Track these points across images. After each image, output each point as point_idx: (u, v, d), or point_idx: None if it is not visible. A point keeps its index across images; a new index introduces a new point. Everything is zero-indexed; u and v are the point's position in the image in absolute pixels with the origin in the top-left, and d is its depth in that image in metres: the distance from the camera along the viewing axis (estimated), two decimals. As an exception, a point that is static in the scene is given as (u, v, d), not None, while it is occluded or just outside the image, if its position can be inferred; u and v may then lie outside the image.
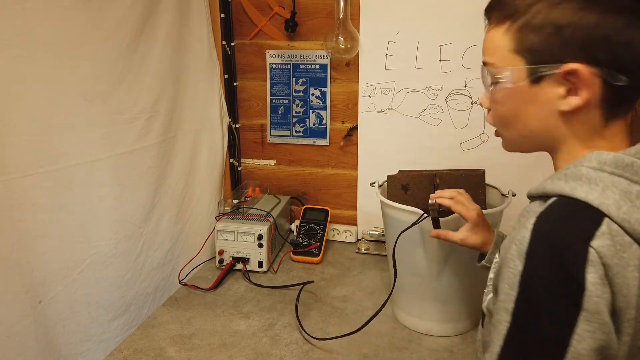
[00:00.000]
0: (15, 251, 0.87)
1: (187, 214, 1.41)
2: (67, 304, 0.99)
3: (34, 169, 0.90)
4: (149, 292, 1.24)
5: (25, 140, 0.88)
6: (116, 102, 1.09)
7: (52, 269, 0.95)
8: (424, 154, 1.48)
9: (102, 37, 1.03)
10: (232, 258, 1.39)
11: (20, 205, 0.88)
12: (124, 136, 1.13)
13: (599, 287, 0.46)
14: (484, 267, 0.90)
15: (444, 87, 1.43)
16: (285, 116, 1.60)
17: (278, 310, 1.21)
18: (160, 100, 1.24)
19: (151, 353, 1.04)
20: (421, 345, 1.08)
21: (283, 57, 1.55)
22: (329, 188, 1.63)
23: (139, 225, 1.19)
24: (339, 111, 1.56)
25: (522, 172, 1.35)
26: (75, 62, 0.97)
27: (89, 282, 1.04)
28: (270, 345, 1.07)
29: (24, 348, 0.89)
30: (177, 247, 1.37)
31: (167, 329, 1.13)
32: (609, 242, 0.47)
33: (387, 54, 1.45)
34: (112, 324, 1.11)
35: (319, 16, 1.49)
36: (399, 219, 1.04)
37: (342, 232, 1.61)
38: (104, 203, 1.08)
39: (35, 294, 0.92)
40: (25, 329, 0.89)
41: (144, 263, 1.22)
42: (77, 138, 0.99)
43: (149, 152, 1.21)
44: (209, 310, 1.21)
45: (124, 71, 1.11)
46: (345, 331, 1.06)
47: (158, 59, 1.23)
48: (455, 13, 1.36)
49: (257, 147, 1.66)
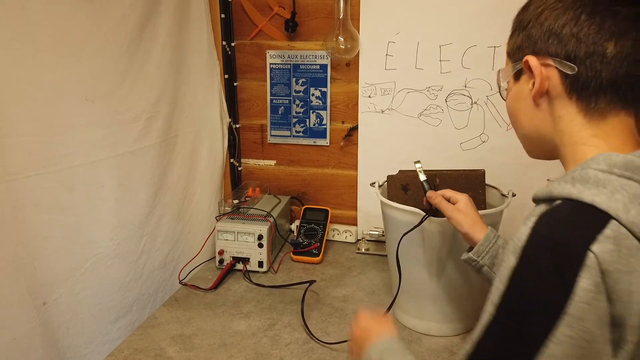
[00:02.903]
0: (18, 252, 0.87)
1: (187, 214, 1.41)
2: (70, 305, 0.99)
3: (36, 169, 0.90)
4: (150, 293, 1.24)
5: (27, 141, 0.88)
6: (117, 102, 1.09)
7: (55, 270, 0.95)
8: (424, 154, 1.48)
9: (103, 38, 1.04)
10: (232, 258, 1.39)
11: (23, 206, 0.88)
12: (125, 136, 1.13)
13: (591, 294, 0.45)
14: (466, 261, 0.88)
15: (444, 87, 1.43)
16: (285, 116, 1.60)
17: (278, 310, 1.21)
18: (160, 101, 1.24)
19: (151, 353, 1.04)
20: (421, 345, 1.08)
21: (283, 57, 1.55)
22: (329, 188, 1.63)
23: (140, 226, 1.20)
24: (339, 111, 1.56)
25: (522, 172, 1.35)
26: (76, 62, 0.97)
27: (91, 283, 1.04)
28: (270, 345, 1.07)
29: (30, 350, 0.89)
30: (178, 247, 1.37)
31: (167, 329, 1.13)
32: (612, 247, 0.46)
33: (387, 54, 1.45)
34: (115, 325, 1.11)
35: (319, 16, 1.49)
36: (399, 219, 1.04)
37: (342, 232, 1.61)
38: (106, 204, 1.08)
39: (39, 296, 0.91)
40: (31, 331, 0.89)
41: (145, 264, 1.22)
42: (78, 138, 0.99)
43: (150, 152, 1.22)
44: (209, 310, 1.21)
45: (125, 71, 1.11)
46: (345, 331, 1.06)
47: (159, 59, 1.23)
48: (455, 13, 1.36)
49: (257, 147, 1.66)
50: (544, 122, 0.61)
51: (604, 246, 0.46)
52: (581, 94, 0.57)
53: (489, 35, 1.36)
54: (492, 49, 1.37)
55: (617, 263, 0.46)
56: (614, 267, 0.46)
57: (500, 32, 1.42)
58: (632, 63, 0.54)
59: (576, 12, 0.56)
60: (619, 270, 0.46)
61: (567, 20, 0.56)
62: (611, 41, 0.54)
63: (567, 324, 0.46)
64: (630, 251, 0.46)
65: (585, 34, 0.55)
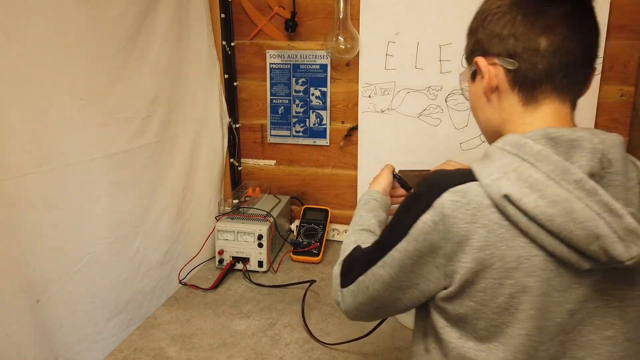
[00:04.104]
0: (12, 251, 0.87)
1: (186, 214, 1.41)
2: (64, 303, 0.99)
3: (30, 168, 0.90)
4: (147, 292, 1.24)
5: (21, 140, 0.88)
6: (112, 102, 1.09)
7: (49, 268, 0.95)
8: (424, 154, 1.48)
9: (98, 37, 1.03)
10: (232, 258, 1.39)
11: (17, 205, 0.88)
12: (119, 135, 1.13)
13: (427, 227, 0.60)
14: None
15: (444, 87, 1.43)
16: (285, 116, 1.60)
17: (278, 310, 1.21)
18: (157, 100, 1.24)
19: (151, 353, 1.04)
20: (421, 345, 1.08)
21: (283, 57, 1.55)
22: (329, 188, 1.63)
23: (135, 224, 1.19)
24: (339, 111, 1.56)
25: (522, 172, 1.35)
26: (71, 61, 0.97)
27: (85, 281, 1.04)
28: (270, 345, 1.07)
29: (22, 347, 0.89)
30: (177, 247, 1.37)
31: (167, 328, 1.13)
32: (458, 199, 0.58)
33: (387, 54, 1.45)
34: (109, 323, 1.11)
35: (319, 16, 1.49)
36: (399, 219, 1.04)
37: (342, 232, 1.61)
38: (99, 203, 1.08)
39: (32, 293, 0.92)
40: (23, 328, 0.89)
41: (141, 262, 1.21)
42: (72, 137, 0.99)
43: (145, 151, 1.21)
44: (209, 310, 1.21)
45: (121, 71, 1.11)
46: (345, 331, 1.06)
47: (156, 59, 1.23)
48: (455, 13, 1.36)
49: (257, 147, 1.66)
50: (494, 115, 0.68)
51: (451, 196, 0.58)
52: (522, 86, 0.64)
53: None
54: (492, 49, 1.37)
55: (457, 212, 0.58)
56: (454, 214, 0.58)
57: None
58: (564, 54, 0.61)
59: (512, 15, 0.63)
60: (458, 217, 0.58)
61: (506, 23, 0.63)
62: (543, 36, 0.61)
63: (406, 241, 0.62)
64: (479, 206, 0.57)
65: (521, 32, 0.62)
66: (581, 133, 0.57)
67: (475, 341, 0.61)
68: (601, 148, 0.56)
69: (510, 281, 0.57)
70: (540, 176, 0.55)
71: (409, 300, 0.67)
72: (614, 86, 1.36)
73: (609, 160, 0.56)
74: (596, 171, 0.56)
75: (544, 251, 0.56)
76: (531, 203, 0.54)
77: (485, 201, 0.57)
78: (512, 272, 0.57)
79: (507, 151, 0.59)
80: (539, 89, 0.63)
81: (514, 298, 0.57)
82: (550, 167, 0.56)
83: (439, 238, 0.59)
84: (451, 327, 0.63)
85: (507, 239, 0.56)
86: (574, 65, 0.62)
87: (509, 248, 0.56)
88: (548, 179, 0.55)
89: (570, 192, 0.54)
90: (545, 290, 0.57)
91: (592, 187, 0.54)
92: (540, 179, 0.55)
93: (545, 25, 0.61)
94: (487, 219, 0.57)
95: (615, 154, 0.57)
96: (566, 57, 0.62)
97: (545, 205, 0.54)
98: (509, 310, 0.58)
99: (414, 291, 0.65)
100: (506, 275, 0.57)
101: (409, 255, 0.62)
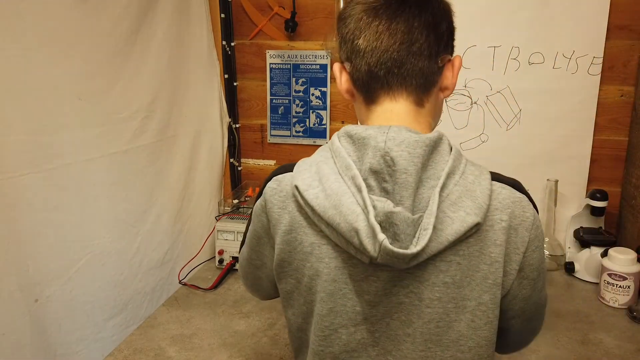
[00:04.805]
0: (11, 250, 0.87)
1: (186, 214, 1.41)
2: (63, 303, 0.99)
3: (29, 168, 0.90)
4: (146, 292, 1.24)
5: (19, 140, 0.88)
6: (111, 102, 1.09)
7: (48, 268, 0.95)
8: (423, 154, 1.48)
9: (97, 37, 1.04)
10: (232, 258, 1.39)
11: (16, 205, 0.88)
12: (118, 135, 1.13)
13: (258, 211, 0.68)
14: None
15: (443, 87, 1.43)
16: (285, 116, 1.60)
17: (278, 310, 1.21)
18: (157, 100, 1.24)
19: (151, 353, 1.04)
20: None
21: (283, 57, 1.55)
22: (329, 188, 1.63)
23: (134, 224, 1.19)
24: (339, 111, 1.56)
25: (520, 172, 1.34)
26: (70, 61, 0.97)
27: (84, 281, 1.04)
28: (270, 345, 1.07)
29: (20, 346, 0.89)
30: (177, 247, 1.37)
31: (167, 328, 1.13)
32: (275, 187, 0.65)
33: (387, 54, 1.45)
34: (108, 323, 1.11)
35: (319, 16, 1.49)
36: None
37: (341, 232, 1.61)
38: (98, 202, 1.08)
39: (31, 293, 0.92)
40: (21, 327, 0.89)
41: (140, 262, 1.22)
42: (71, 137, 0.99)
43: (145, 151, 1.21)
44: (209, 310, 1.21)
45: (120, 71, 1.11)
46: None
47: (155, 59, 1.23)
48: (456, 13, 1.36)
49: (257, 147, 1.66)
50: (357, 112, 0.71)
51: (271, 184, 0.66)
52: (359, 87, 0.66)
53: (489, 35, 1.36)
54: (492, 48, 1.37)
55: (273, 198, 0.65)
56: (271, 200, 0.65)
57: (500, 32, 1.43)
58: (383, 52, 0.61)
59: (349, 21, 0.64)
60: (273, 203, 0.65)
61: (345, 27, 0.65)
62: (361, 37, 0.62)
63: (251, 224, 0.72)
64: (287, 195, 0.64)
65: (349, 37, 0.64)
66: (371, 131, 0.58)
67: (302, 317, 0.67)
68: (383, 147, 0.56)
69: (308, 264, 0.63)
70: (329, 170, 0.60)
71: (267, 278, 0.73)
72: (614, 86, 1.36)
73: (392, 159, 0.56)
74: (379, 168, 0.56)
75: (330, 240, 0.60)
76: (312, 195, 0.59)
77: (292, 190, 0.63)
78: (308, 256, 0.62)
79: (328, 145, 0.64)
80: (372, 88, 0.64)
81: (312, 280, 0.63)
82: (339, 163, 0.60)
83: (265, 220, 0.67)
84: (286, 304, 0.69)
85: (304, 226, 0.62)
86: (395, 61, 0.61)
87: (305, 234, 0.62)
88: (333, 173, 0.59)
89: (349, 187, 0.57)
90: (336, 277, 0.61)
91: (359, 184, 0.56)
92: (327, 172, 0.60)
93: (364, 25, 0.62)
94: (292, 207, 0.63)
95: (401, 152, 0.56)
96: (384, 55, 0.61)
97: (323, 197, 0.58)
98: (312, 290, 0.63)
99: (265, 269, 0.73)
100: (305, 258, 0.63)
101: (252, 235, 0.72)
